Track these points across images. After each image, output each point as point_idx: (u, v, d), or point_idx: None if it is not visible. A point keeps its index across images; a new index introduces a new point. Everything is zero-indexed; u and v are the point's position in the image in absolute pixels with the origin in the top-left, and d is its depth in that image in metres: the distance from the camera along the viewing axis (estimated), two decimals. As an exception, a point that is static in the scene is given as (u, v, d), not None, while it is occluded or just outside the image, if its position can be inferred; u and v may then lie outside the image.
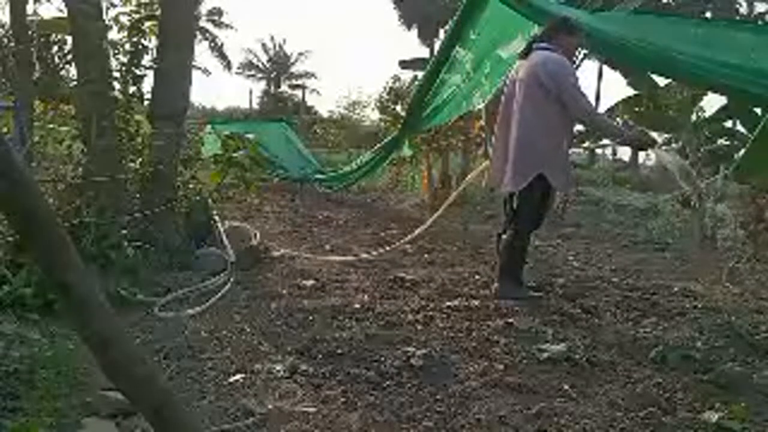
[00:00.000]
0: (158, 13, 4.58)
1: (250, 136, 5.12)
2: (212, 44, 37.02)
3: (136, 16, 4.63)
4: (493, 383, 2.50)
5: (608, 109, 9.80)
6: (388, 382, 2.47)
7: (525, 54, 3.80)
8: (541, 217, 3.90)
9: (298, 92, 35.87)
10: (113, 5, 4.63)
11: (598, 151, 22.30)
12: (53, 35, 10.97)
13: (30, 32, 6.20)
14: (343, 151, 15.22)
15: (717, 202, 6.43)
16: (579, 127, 4.84)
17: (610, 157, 22.19)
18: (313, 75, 41.50)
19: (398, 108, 10.34)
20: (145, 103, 4.61)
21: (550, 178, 3.67)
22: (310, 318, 3.31)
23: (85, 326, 1.20)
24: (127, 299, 3.37)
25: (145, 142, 4.49)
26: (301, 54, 41.66)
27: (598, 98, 24.97)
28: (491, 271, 4.39)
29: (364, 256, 5.06)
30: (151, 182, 4.39)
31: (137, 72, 4.53)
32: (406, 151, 7.93)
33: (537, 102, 3.65)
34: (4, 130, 5.10)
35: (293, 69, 41.95)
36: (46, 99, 7.41)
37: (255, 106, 32.30)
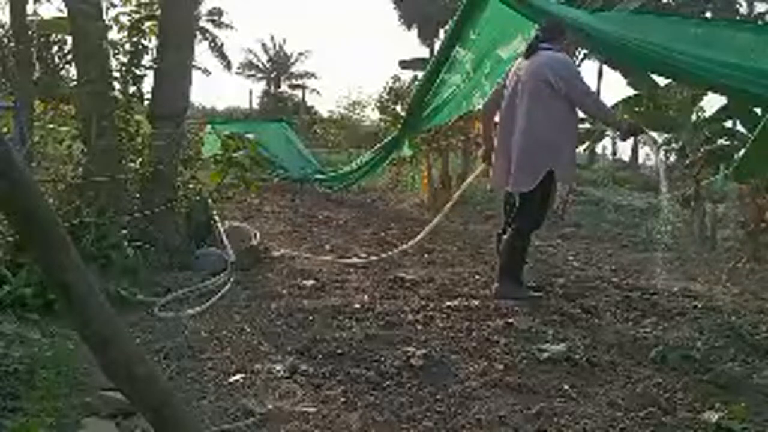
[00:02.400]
0: (158, 13, 4.58)
1: (250, 136, 5.12)
2: (212, 44, 37.05)
3: (136, 16, 4.63)
4: (493, 383, 2.51)
5: (608, 109, 9.78)
6: (388, 382, 2.47)
7: (526, 55, 3.81)
8: (542, 217, 3.90)
9: (298, 92, 35.89)
10: (113, 5, 4.63)
11: (598, 150, 22.32)
12: (53, 35, 10.97)
13: (30, 32, 6.20)
14: (343, 151, 15.20)
15: (717, 203, 6.43)
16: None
17: (610, 157, 22.21)
18: (313, 75, 41.56)
19: (398, 108, 10.33)
20: (145, 103, 4.60)
21: (560, 175, 3.76)
22: (310, 318, 3.31)
23: (85, 326, 1.20)
24: (127, 299, 3.36)
25: (145, 142, 4.49)
26: (301, 54, 41.73)
27: (598, 98, 24.96)
28: (491, 271, 4.39)
29: (367, 257, 5.06)
30: (151, 182, 4.39)
31: (137, 72, 4.53)
32: (406, 151, 7.92)
33: (544, 101, 3.68)
34: (4, 130, 5.09)
35: (293, 69, 41.98)
36: (46, 99, 7.40)
37: (255, 106, 32.34)
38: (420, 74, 8.78)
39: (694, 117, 7.86)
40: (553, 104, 3.66)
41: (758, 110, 5.86)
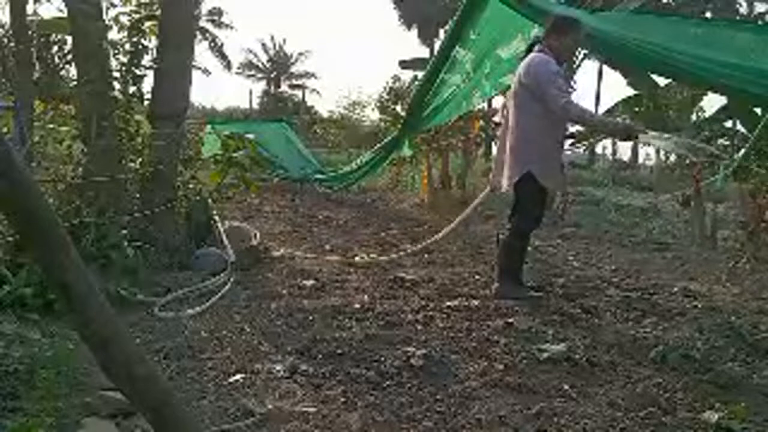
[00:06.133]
0: (158, 13, 4.58)
1: (250, 136, 5.12)
2: (212, 44, 37.03)
3: (136, 16, 4.62)
4: (493, 383, 2.51)
5: (608, 110, 9.81)
6: (388, 382, 2.47)
7: (524, 57, 3.84)
8: (541, 216, 3.91)
9: (298, 92, 35.91)
10: (113, 5, 4.63)
11: (598, 150, 22.31)
12: (53, 35, 10.96)
13: (30, 32, 6.20)
14: (343, 151, 15.20)
15: (717, 203, 6.42)
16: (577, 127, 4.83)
17: (610, 157, 22.19)
18: (313, 75, 41.55)
19: (398, 108, 10.35)
20: (145, 103, 4.60)
21: (539, 177, 3.69)
22: (310, 318, 3.31)
23: (85, 326, 1.20)
24: (127, 299, 3.36)
25: (145, 142, 4.49)
26: (301, 54, 41.70)
27: (598, 98, 25.00)
28: (491, 271, 4.39)
29: (376, 257, 5.04)
30: (151, 182, 4.39)
31: (137, 72, 4.52)
32: (406, 151, 7.92)
33: (523, 103, 3.72)
34: (4, 130, 5.09)
35: (293, 69, 41.96)
36: (46, 99, 7.40)
37: (255, 106, 32.27)
38: (420, 74, 8.79)
39: (694, 117, 7.88)
40: (528, 105, 3.69)
41: (758, 110, 5.87)
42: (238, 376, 2.47)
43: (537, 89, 3.60)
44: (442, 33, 27.10)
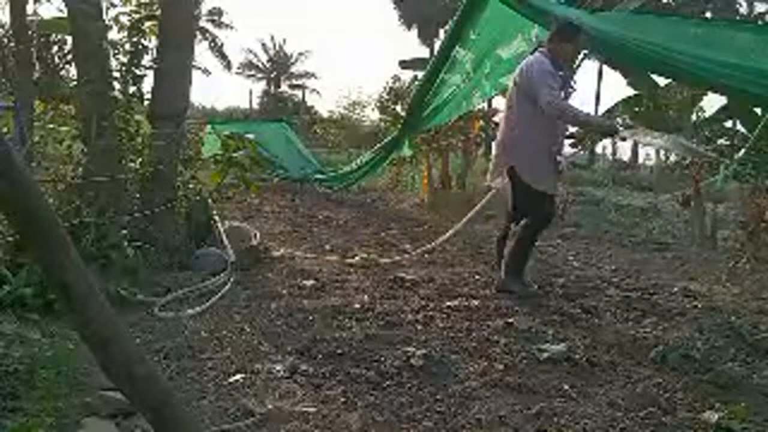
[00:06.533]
0: (158, 13, 4.58)
1: (250, 136, 5.12)
2: (212, 44, 37.02)
3: (136, 16, 4.62)
4: (493, 383, 2.51)
5: (608, 110, 9.81)
6: (388, 382, 2.47)
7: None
8: (551, 213, 3.91)
9: (298, 92, 35.90)
10: (113, 5, 4.63)
11: (598, 150, 22.31)
12: (53, 35, 10.95)
13: (30, 32, 6.19)
14: (343, 151, 15.20)
15: (717, 203, 6.42)
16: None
17: (610, 157, 22.19)
18: (313, 75, 41.52)
19: (398, 108, 10.35)
20: (145, 103, 4.60)
21: (522, 174, 3.72)
22: (310, 318, 3.31)
23: (85, 326, 1.20)
24: (127, 299, 3.36)
25: (145, 142, 4.49)
26: (301, 54, 41.68)
27: (598, 98, 25.00)
28: (491, 271, 4.39)
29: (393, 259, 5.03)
30: (151, 182, 4.38)
31: (137, 72, 4.52)
32: (406, 151, 7.92)
33: (516, 102, 3.77)
34: (4, 130, 5.08)
35: (293, 69, 41.95)
36: (46, 99, 7.39)
37: (255, 106, 32.26)
38: (420, 74, 8.79)
39: (694, 117, 7.88)
40: (522, 105, 3.73)
41: (758, 110, 5.88)
42: (238, 376, 2.47)
43: (529, 89, 3.64)
44: (442, 33, 27.12)
